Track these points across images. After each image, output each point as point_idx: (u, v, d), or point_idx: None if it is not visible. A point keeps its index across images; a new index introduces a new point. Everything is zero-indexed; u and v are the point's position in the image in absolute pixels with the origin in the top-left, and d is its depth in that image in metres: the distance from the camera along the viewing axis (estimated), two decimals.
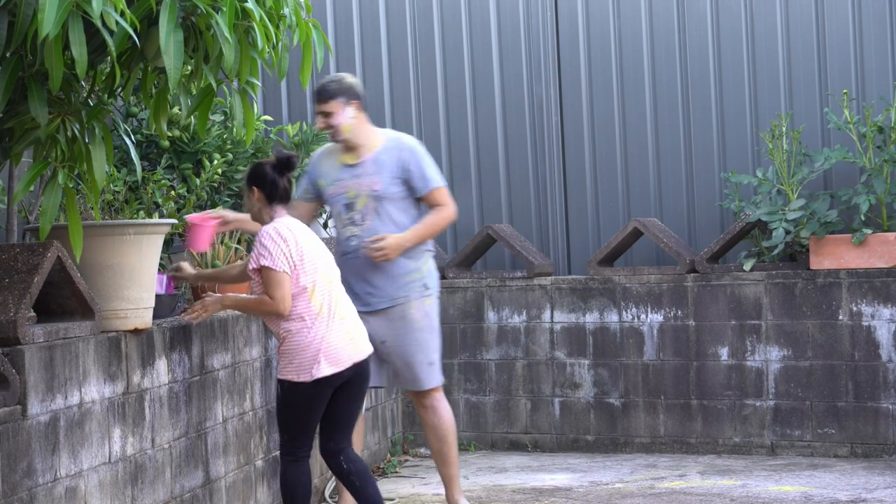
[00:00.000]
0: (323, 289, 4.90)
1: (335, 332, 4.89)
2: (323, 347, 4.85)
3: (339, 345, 4.89)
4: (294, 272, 4.84)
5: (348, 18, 8.42)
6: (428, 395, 5.77)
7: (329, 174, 5.72)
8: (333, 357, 4.87)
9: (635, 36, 7.95)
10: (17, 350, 3.84)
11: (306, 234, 4.98)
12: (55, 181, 3.85)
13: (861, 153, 7.14)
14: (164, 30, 3.56)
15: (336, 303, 4.95)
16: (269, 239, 4.84)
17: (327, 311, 4.89)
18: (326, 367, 4.86)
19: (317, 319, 4.85)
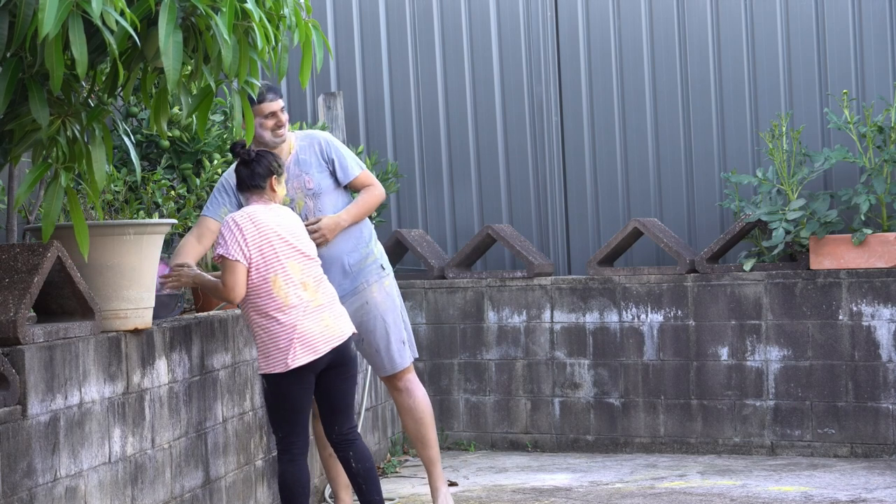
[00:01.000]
0: (290, 278, 4.89)
1: (309, 320, 4.89)
2: (295, 336, 4.85)
3: (313, 331, 4.89)
4: (250, 261, 4.85)
5: (348, 18, 8.42)
6: (401, 377, 5.76)
7: None
8: (308, 344, 4.87)
9: (635, 36, 7.96)
10: (17, 350, 3.85)
11: (275, 222, 4.96)
12: (57, 183, 3.85)
13: (861, 153, 7.14)
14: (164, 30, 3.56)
15: (311, 290, 4.93)
16: (227, 228, 4.90)
17: (297, 299, 4.87)
18: (302, 355, 4.86)
19: (285, 309, 4.85)
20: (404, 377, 5.77)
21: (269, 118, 5.53)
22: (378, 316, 5.68)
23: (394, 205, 8.34)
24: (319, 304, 4.95)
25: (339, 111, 8.23)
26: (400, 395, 5.78)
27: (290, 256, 4.93)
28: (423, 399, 5.78)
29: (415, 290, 7.75)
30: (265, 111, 5.51)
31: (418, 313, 7.73)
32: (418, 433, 5.79)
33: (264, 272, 4.86)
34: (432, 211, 8.32)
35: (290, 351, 4.85)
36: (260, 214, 4.95)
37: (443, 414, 7.71)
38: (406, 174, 8.26)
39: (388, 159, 8.28)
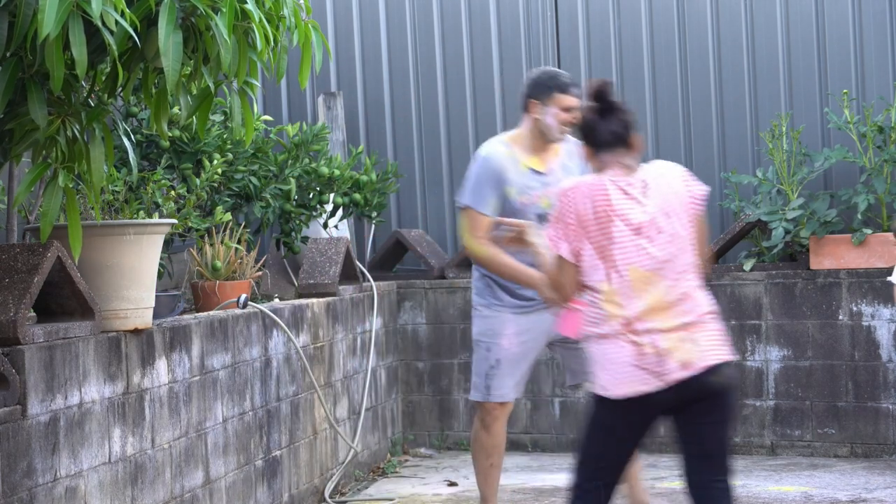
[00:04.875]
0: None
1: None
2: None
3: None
4: (574, 253, 3.88)
5: (348, 18, 8.42)
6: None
7: (517, 181, 5.14)
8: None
9: (635, 36, 7.96)
10: (17, 350, 3.85)
11: (640, 209, 3.80)
12: (55, 183, 3.86)
13: (861, 153, 7.14)
14: (164, 31, 3.56)
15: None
16: (557, 206, 3.90)
17: (626, 320, 3.87)
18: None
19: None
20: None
21: (568, 112, 5.06)
22: None
23: (394, 205, 8.34)
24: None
25: (339, 111, 8.23)
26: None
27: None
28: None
29: (415, 290, 7.75)
30: (568, 104, 5.06)
31: (418, 313, 7.73)
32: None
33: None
34: (432, 211, 8.32)
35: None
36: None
37: (443, 414, 7.71)
38: (406, 174, 8.26)
39: (388, 159, 8.28)
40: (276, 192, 6.80)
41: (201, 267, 6.01)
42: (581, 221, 3.79)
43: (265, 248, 7.77)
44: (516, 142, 5.21)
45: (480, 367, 5.36)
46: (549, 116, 5.10)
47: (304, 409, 6.10)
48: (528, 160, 5.17)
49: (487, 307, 5.35)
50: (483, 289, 5.37)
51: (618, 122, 3.86)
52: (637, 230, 3.77)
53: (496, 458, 5.38)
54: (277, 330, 5.80)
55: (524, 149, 5.18)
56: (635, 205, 3.79)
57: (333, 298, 6.59)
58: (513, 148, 5.19)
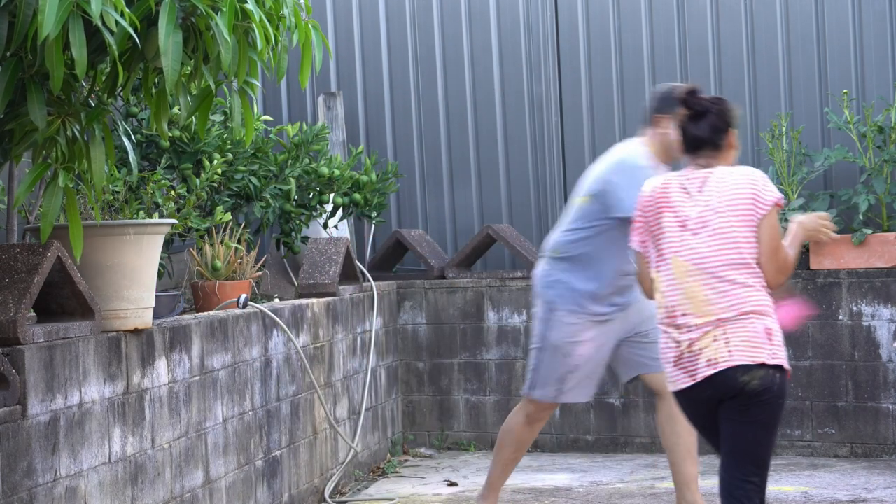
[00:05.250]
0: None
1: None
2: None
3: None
4: (642, 245, 4.13)
5: (348, 18, 8.43)
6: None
7: None
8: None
9: (635, 35, 7.96)
10: (17, 350, 3.85)
11: (692, 206, 3.97)
12: (55, 183, 3.86)
13: (861, 153, 7.14)
14: (164, 31, 3.56)
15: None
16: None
17: (667, 310, 4.05)
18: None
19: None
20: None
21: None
22: None
23: (394, 205, 8.34)
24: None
25: (339, 111, 8.23)
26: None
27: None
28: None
29: (415, 290, 7.75)
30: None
31: (418, 313, 7.73)
32: (693, 445, 5.38)
33: None
34: (432, 211, 8.32)
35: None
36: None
37: (443, 414, 7.71)
38: (406, 174, 8.26)
39: (388, 159, 8.28)
40: (276, 192, 6.80)
41: (201, 267, 6.01)
42: (645, 216, 4.03)
43: (265, 248, 7.77)
44: (648, 152, 5.22)
45: (553, 371, 5.35)
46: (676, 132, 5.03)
47: (304, 409, 6.10)
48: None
49: (572, 314, 5.32)
50: (566, 295, 5.33)
51: (705, 127, 4.03)
52: (683, 223, 3.92)
53: (521, 454, 5.58)
54: (277, 330, 5.80)
55: (652, 161, 5.22)
56: (688, 200, 3.95)
57: (333, 298, 6.59)
58: (648, 158, 5.22)
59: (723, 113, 4.07)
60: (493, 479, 5.56)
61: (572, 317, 5.32)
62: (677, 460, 5.38)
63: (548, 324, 5.39)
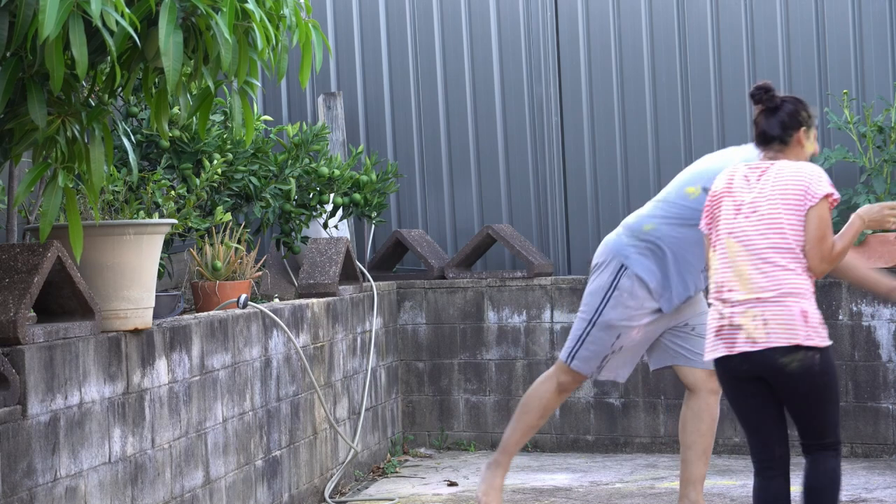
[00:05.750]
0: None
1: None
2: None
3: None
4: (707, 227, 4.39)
5: (348, 18, 8.43)
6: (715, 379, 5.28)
7: None
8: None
9: (635, 35, 7.96)
10: (17, 350, 3.85)
11: (743, 184, 4.28)
12: (55, 183, 3.85)
13: (861, 153, 7.14)
14: (164, 31, 3.56)
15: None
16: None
17: (717, 285, 4.31)
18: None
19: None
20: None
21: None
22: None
23: (394, 205, 8.34)
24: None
25: (339, 111, 8.23)
26: (711, 397, 5.27)
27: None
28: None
29: (415, 290, 7.75)
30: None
31: (418, 313, 7.73)
32: (707, 445, 5.34)
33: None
34: (432, 211, 8.32)
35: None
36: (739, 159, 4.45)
37: (443, 414, 7.71)
38: (406, 174, 8.27)
39: (388, 159, 8.28)
40: (276, 192, 6.80)
41: (201, 267, 6.01)
42: (711, 201, 4.36)
43: (265, 248, 7.77)
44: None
45: (599, 347, 5.30)
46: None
47: (304, 409, 6.10)
48: None
49: (632, 297, 5.23)
50: (635, 278, 5.22)
51: (775, 124, 4.32)
52: (738, 208, 4.24)
53: (544, 421, 5.50)
54: (277, 330, 5.80)
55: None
56: (746, 187, 4.27)
57: (333, 298, 6.59)
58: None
59: (794, 112, 4.33)
60: (511, 444, 5.46)
61: (635, 300, 5.24)
62: (691, 458, 5.34)
63: (609, 302, 5.29)
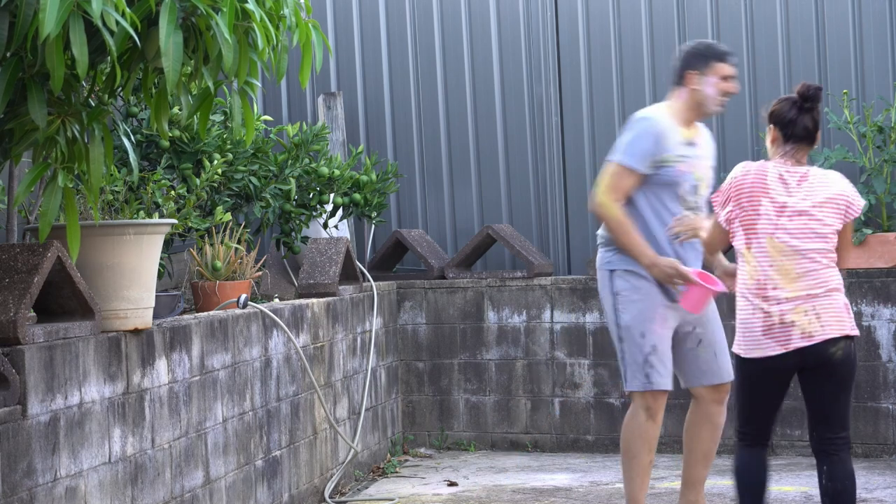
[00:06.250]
0: (763, 255, 4.44)
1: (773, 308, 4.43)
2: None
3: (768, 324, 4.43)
4: (728, 220, 4.52)
5: (348, 18, 8.43)
6: (728, 389, 5.24)
7: (677, 148, 5.13)
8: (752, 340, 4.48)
9: (635, 35, 7.96)
10: (17, 350, 3.85)
11: (780, 185, 4.43)
12: (55, 183, 3.85)
13: (861, 153, 7.14)
14: (164, 31, 3.56)
15: (779, 275, 4.43)
16: (729, 178, 4.55)
17: (757, 283, 4.44)
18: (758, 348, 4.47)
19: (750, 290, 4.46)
20: (729, 389, 5.25)
21: (724, 80, 5.11)
22: (718, 318, 5.29)
23: (394, 205, 8.34)
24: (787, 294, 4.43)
25: (339, 111, 8.23)
26: (719, 408, 5.26)
27: (769, 233, 4.48)
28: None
29: (415, 290, 7.75)
30: (727, 72, 5.10)
31: (418, 313, 7.73)
32: (711, 451, 5.29)
33: (737, 241, 4.53)
34: (432, 211, 8.32)
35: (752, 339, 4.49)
36: (765, 168, 4.50)
37: (443, 414, 7.71)
38: (406, 174, 8.27)
39: (388, 159, 8.28)
40: (276, 192, 6.80)
41: (201, 267, 6.01)
42: (739, 197, 4.45)
43: (265, 248, 7.77)
44: (671, 112, 5.20)
45: (636, 356, 5.11)
46: (709, 86, 5.12)
47: (304, 409, 6.10)
48: (684, 131, 5.18)
49: (635, 291, 5.15)
50: (625, 274, 5.17)
51: (812, 122, 4.49)
52: (781, 209, 4.40)
53: (652, 455, 5.24)
54: (277, 330, 5.80)
55: (679, 120, 5.18)
56: (786, 189, 4.43)
57: (333, 298, 6.59)
58: (671, 118, 5.19)
59: (819, 113, 4.54)
60: (634, 493, 5.23)
61: (637, 293, 5.14)
62: (693, 461, 5.32)
63: (618, 307, 5.22)
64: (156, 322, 4.72)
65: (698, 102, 5.15)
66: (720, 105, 5.16)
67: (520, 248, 7.63)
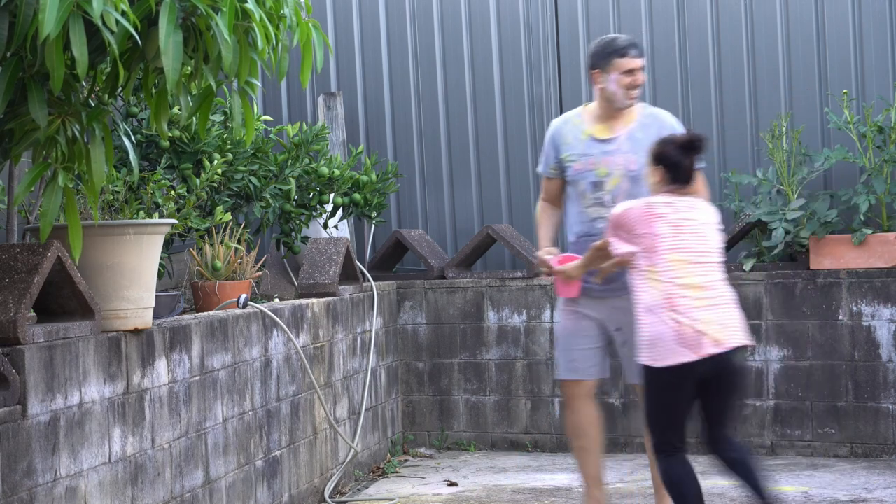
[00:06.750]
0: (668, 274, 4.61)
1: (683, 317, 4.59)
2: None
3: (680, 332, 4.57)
4: (627, 252, 4.69)
5: (348, 18, 8.43)
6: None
7: (574, 147, 5.32)
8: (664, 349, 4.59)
9: (635, 35, 7.95)
10: (17, 350, 3.85)
11: (671, 210, 4.65)
12: (55, 183, 3.85)
13: (861, 153, 7.14)
14: (164, 30, 3.56)
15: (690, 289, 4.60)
16: (611, 221, 4.75)
17: (667, 297, 4.58)
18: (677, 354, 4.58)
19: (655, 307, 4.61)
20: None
21: (627, 75, 5.20)
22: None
23: (394, 205, 8.34)
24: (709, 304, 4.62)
25: (339, 111, 8.23)
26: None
27: (675, 254, 4.65)
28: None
29: (415, 290, 7.75)
30: (628, 66, 5.19)
31: (418, 313, 7.73)
32: None
33: (641, 262, 4.67)
34: (432, 211, 8.32)
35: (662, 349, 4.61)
36: (665, 201, 4.70)
37: (443, 414, 7.71)
38: (406, 174, 8.27)
39: (388, 159, 8.28)
40: (276, 192, 6.80)
41: (201, 267, 6.01)
42: (632, 228, 4.66)
43: (265, 248, 7.77)
44: (588, 111, 5.38)
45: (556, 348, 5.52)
46: (612, 83, 5.23)
47: (304, 409, 6.10)
48: (594, 128, 5.31)
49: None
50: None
51: (693, 166, 4.73)
52: (677, 227, 4.63)
53: (583, 440, 5.44)
54: (277, 330, 5.80)
55: (594, 118, 5.33)
56: (676, 212, 4.66)
57: (333, 298, 6.59)
58: (583, 116, 5.36)
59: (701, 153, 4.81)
60: (584, 474, 5.53)
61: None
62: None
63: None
64: (156, 322, 4.72)
65: (608, 100, 5.27)
66: (630, 98, 5.25)
67: (520, 248, 7.63)
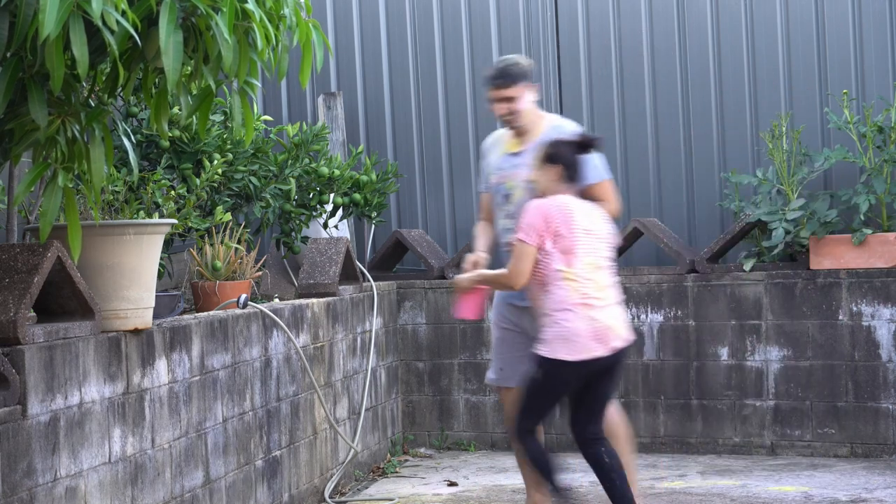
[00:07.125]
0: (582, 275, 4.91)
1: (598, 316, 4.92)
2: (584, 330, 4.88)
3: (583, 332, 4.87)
4: (542, 249, 4.90)
5: (348, 18, 8.42)
6: None
7: (493, 163, 5.54)
8: (577, 344, 4.87)
9: (635, 35, 7.96)
10: (17, 350, 3.85)
11: (580, 214, 4.96)
12: (55, 183, 3.85)
13: (861, 153, 7.14)
14: (164, 30, 3.56)
15: (596, 289, 4.92)
16: (531, 213, 4.93)
17: (582, 296, 4.88)
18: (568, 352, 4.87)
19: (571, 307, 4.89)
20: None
21: (499, 102, 5.38)
22: None
23: (394, 205, 8.34)
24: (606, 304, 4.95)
25: (339, 111, 8.23)
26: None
27: (587, 254, 4.95)
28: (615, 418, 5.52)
29: (415, 290, 7.75)
30: (490, 96, 5.40)
31: (418, 313, 7.73)
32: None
33: (556, 264, 4.89)
34: (432, 211, 8.32)
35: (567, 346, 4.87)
36: (567, 202, 4.98)
37: (443, 414, 7.71)
38: (406, 174, 8.26)
39: (388, 159, 8.28)
40: (276, 192, 6.80)
41: (201, 267, 6.01)
42: (548, 224, 4.91)
43: (265, 248, 7.77)
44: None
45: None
46: (493, 106, 5.47)
47: (304, 409, 6.10)
48: (510, 144, 5.50)
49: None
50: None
51: (584, 166, 5.08)
52: (588, 232, 4.96)
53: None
54: (277, 330, 5.80)
55: (512, 134, 5.51)
56: (584, 216, 4.99)
57: (333, 298, 6.59)
58: (508, 133, 5.53)
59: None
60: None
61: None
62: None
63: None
64: (156, 322, 4.72)
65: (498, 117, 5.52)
66: (506, 123, 5.44)
67: None
